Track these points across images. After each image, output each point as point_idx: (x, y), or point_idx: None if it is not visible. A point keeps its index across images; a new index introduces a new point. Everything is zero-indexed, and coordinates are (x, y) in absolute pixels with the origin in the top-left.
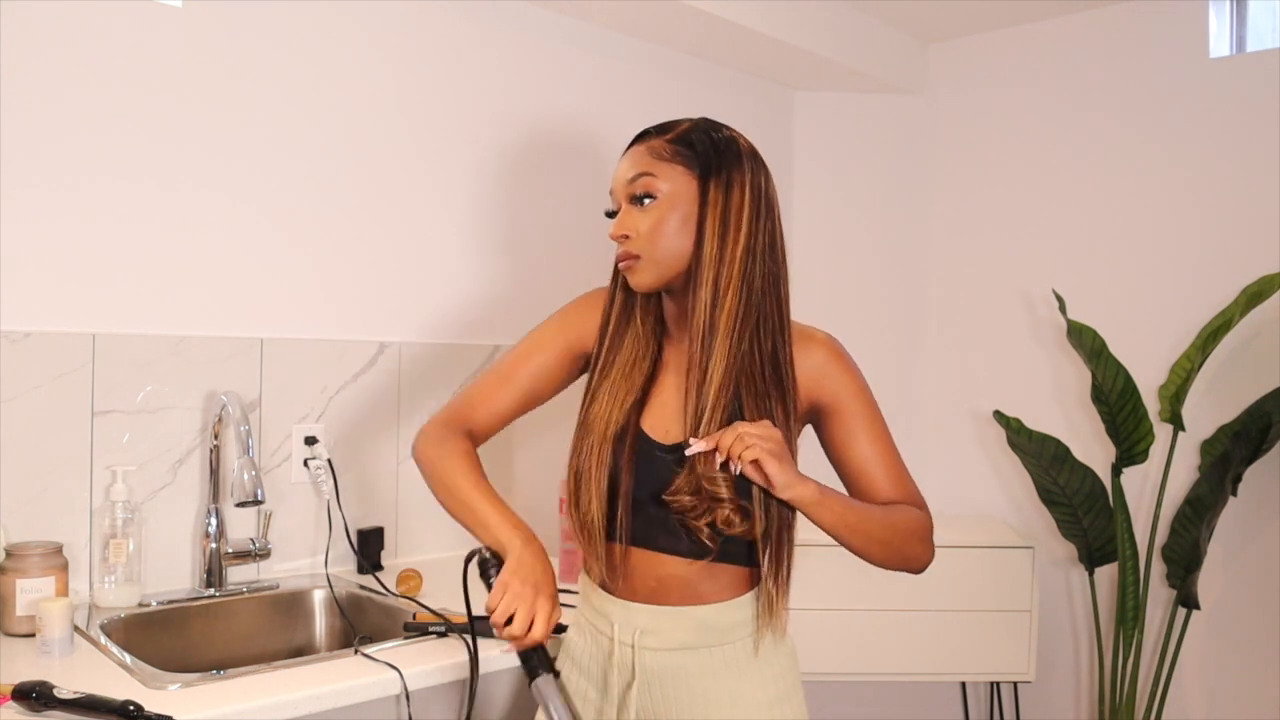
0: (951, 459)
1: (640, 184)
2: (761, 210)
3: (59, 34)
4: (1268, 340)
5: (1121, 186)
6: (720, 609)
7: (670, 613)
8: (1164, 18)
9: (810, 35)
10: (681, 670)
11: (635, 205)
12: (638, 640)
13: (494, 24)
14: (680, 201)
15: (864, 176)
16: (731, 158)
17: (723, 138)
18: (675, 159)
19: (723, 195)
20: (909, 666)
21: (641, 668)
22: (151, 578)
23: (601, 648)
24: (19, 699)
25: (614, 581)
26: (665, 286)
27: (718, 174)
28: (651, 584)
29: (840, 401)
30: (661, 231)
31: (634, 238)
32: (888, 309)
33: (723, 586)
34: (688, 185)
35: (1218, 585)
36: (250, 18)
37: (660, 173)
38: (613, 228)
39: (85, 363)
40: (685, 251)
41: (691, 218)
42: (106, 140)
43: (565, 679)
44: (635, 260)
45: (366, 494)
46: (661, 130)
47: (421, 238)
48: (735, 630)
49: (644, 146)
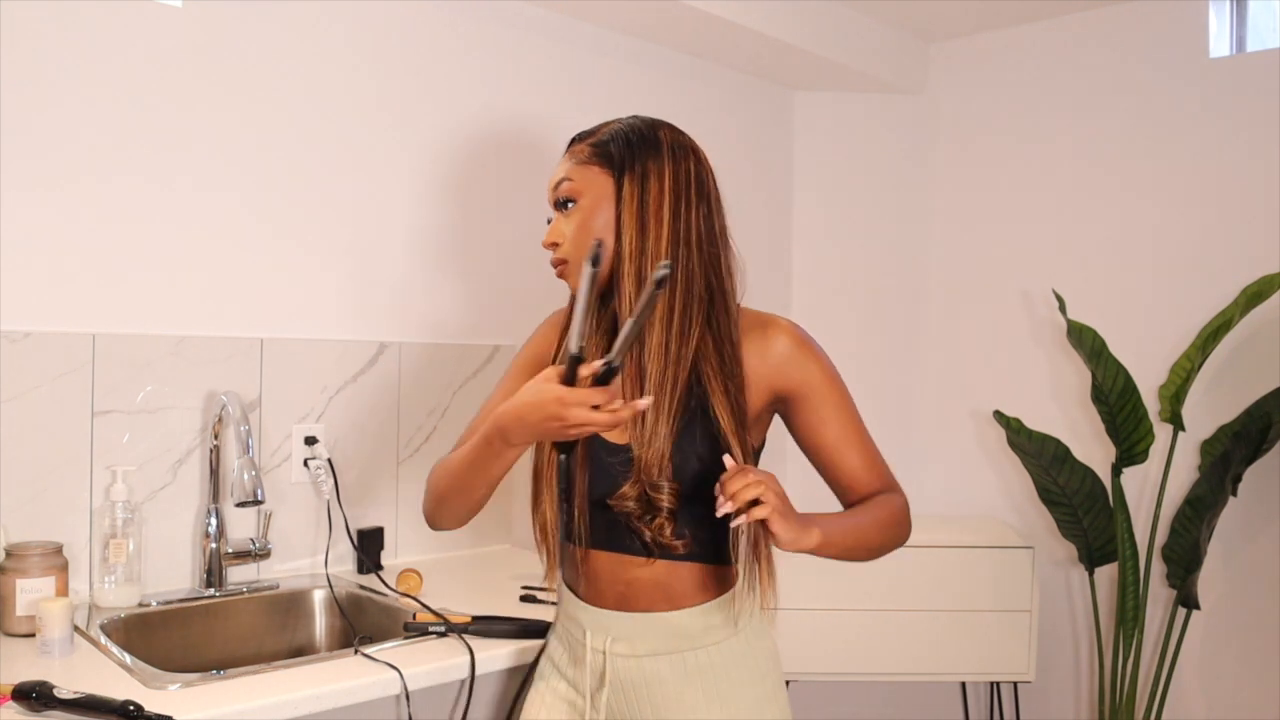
0: (951, 459)
1: (562, 189)
2: (688, 199)
3: (59, 34)
4: (1268, 340)
5: (1121, 186)
6: (691, 614)
7: (640, 619)
8: (1164, 18)
9: (810, 35)
10: (654, 676)
11: (560, 211)
12: (609, 647)
13: (494, 24)
14: (600, 202)
15: (864, 176)
16: (648, 150)
17: (641, 133)
18: (592, 160)
19: (638, 189)
20: (909, 666)
21: (613, 674)
22: (151, 578)
23: (576, 653)
24: (19, 699)
25: (579, 586)
26: (603, 288)
27: (631, 169)
28: (619, 589)
29: (808, 388)
30: (585, 234)
31: (561, 244)
32: (888, 309)
33: (693, 589)
34: (605, 185)
35: (1218, 585)
36: (250, 18)
37: (578, 176)
38: (545, 236)
39: (85, 363)
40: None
41: (614, 217)
42: (106, 140)
43: (545, 680)
44: (565, 265)
45: (366, 494)
46: (585, 134)
47: (422, 238)
48: (709, 634)
49: (569, 152)
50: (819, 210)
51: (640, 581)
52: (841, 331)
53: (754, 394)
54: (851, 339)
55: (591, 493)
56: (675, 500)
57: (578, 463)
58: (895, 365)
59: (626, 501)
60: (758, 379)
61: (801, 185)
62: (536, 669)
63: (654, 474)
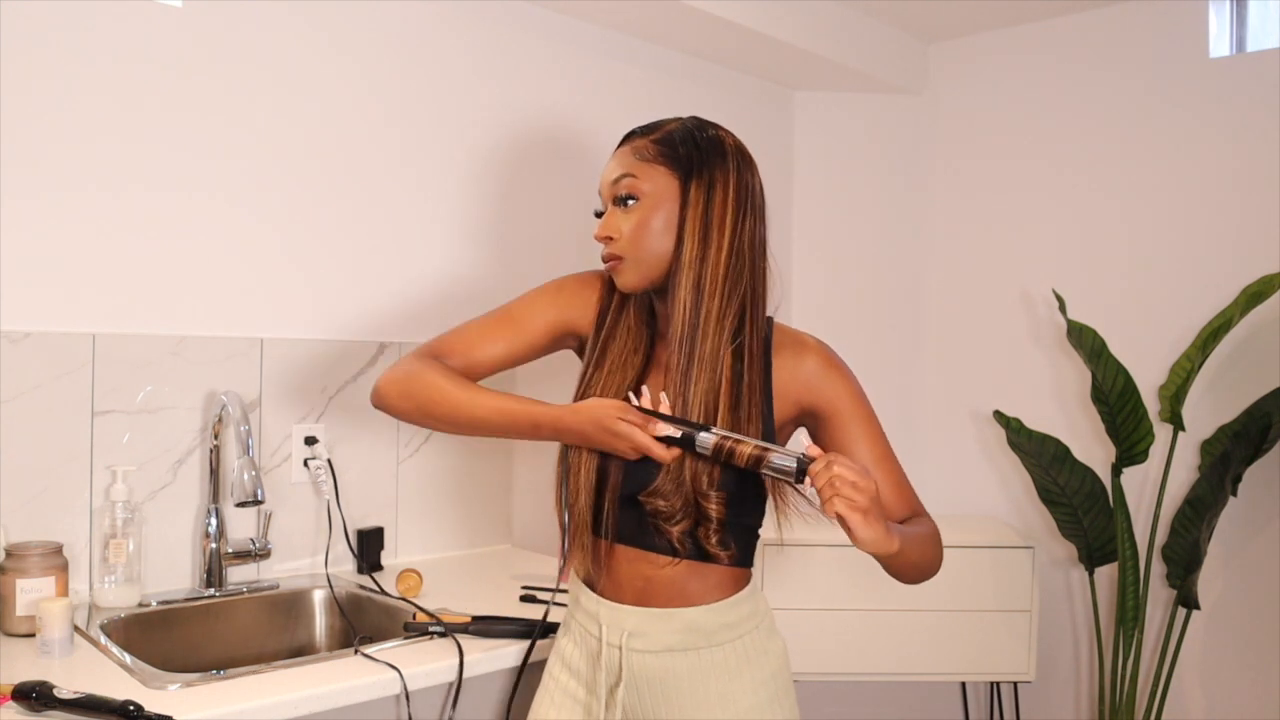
0: (951, 459)
1: (623, 185)
2: (748, 209)
3: (58, 34)
4: (1268, 340)
5: (1121, 186)
6: (709, 610)
7: (658, 614)
8: (1164, 18)
9: (810, 35)
10: (669, 672)
11: (619, 206)
12: (625, 642)
13: (494, 24)
14: (663, 203)
15: (864, 176)
16: (715, 157)
17: (708, 137)
18: (658, 159)
19: (704, 196)
20: (909, 666)
21: (629, 669)
22: (151, 578)
23: (590, 648)
24: (19, 699)
25: (600, 580)
26: (651, 287)
27: (699, 174)
28: (639, 584)
29: (836, 407)
30: (643, 233)
31: (617, 239)
32: (888, 309)
33: (712, 586)
34: (669, 186)
35: (1218, 585)
36: (250, 18)
37: (642, 174)
38: (597, 229)
39: (85, 363)
40: (668, 253)
41: (674, 219)
42: (106, 140)
43: (555, 679)
44: (619, 262)
45: (366, 494)
46: (647, 130)
47: (421, 238)
48: (725, 632)
49: (629, 147)
50: (819, 210)
51: (661, 578)
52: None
53: (781, 406)
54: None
55: (624, 488)
56: (724, 509)
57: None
58: (895, 365)
59: (657, 500)
60: (785, 393)
61: (801, 185)
62: (545, 667)
63: (703, 484)
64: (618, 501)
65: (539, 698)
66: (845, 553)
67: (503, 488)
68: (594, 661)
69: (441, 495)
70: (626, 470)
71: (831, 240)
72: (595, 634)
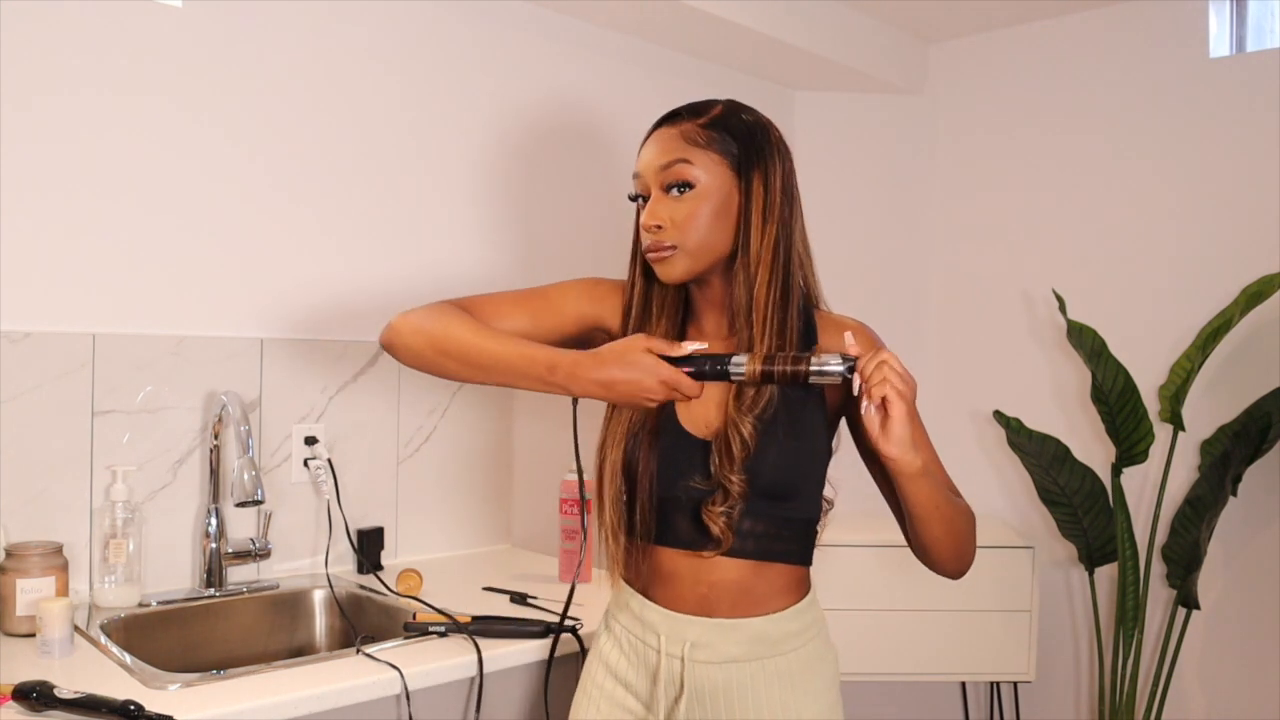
0: (951, 459)
1: (675, 171)
2: (794, 200)
3: (59, 34)
4: (1268, 340)
5: (1121, 186)
6: (775, 620)
7: (722, 625)
8: (1164, 18)
9: (810, 35)
10: (733, 683)
11: (668, 193)
12: (688, 654)
13: (494, 24)
14: (715, 192)
15: (864, 176)
16: (767, 148)
17: (757, 123)
18: (711, 147)
19: (761, 188)
20: (909, 666)
21: (691, 681)
22: (151, 578)
23: (646, 659)
24: (19, 699)
25: (653, 588)
26: (696, 278)
27: (755, 166)
28: (701, 591)
29: None
30: (696, 223)
31: (667, 228)
32: (888, 309)
33: (776, 592)
34: (724, 176)
35: (1218, 585)
36: (250, 18)
37: (697, 160)
38: (644, 215)
39: (85, 363)
40: (720, 243)
41: (727, 210)
42: (106, 140)
43: (599, 687)
44: (670, 251)
45: (366, 494)
46: (694, 113)
47: (421, 239)
48: (789, 641)
49: (676, 130)
50: (819, 210)
51: (724, 584)
52: None
53: (830, 392)
54: None
55: (660, 486)
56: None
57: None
58: None
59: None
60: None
61: (802, 185)
62: (584, 669)
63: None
64: (670, 506)
65: (580, 701)
66: (846, 553)
67: (503, 488)
68: (651, 674)
69: (441, 495)
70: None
71: (831, 240)
72: (654, 645)
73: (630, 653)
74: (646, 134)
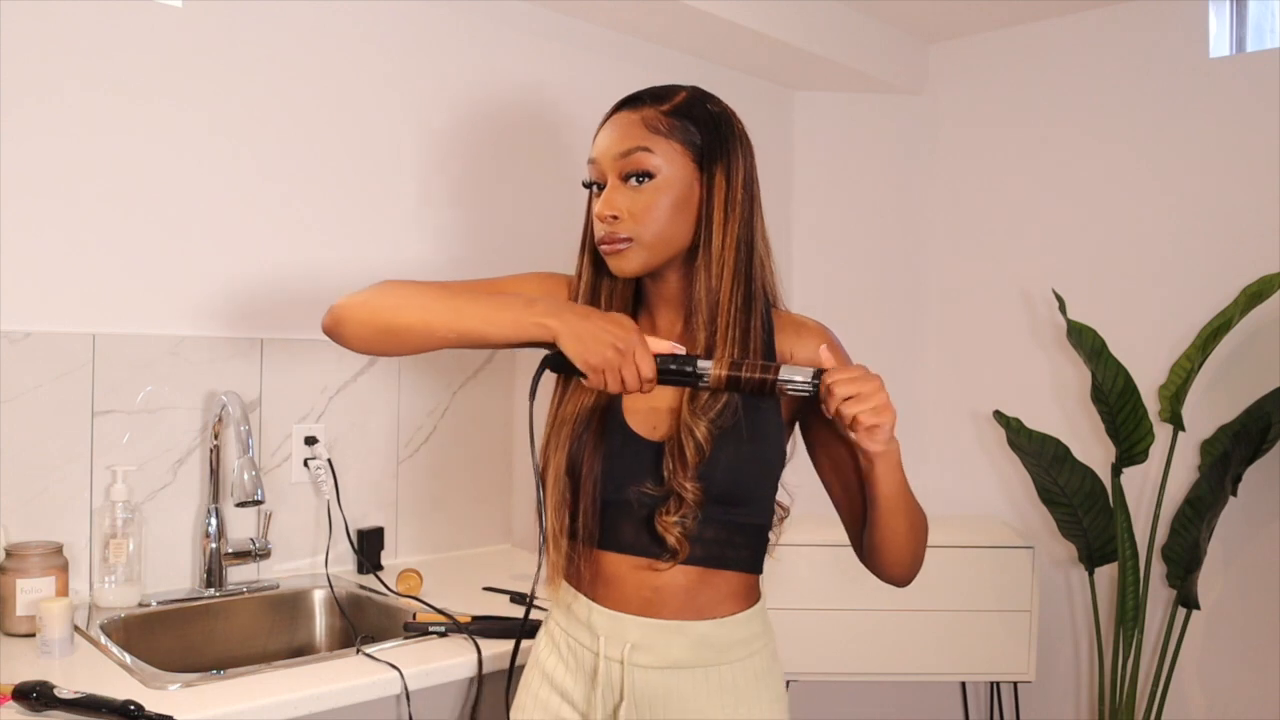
0: (951, 459)
1: (635, 159)
2: (754, 195)
3: (59, 34)
4: (1268, 340)
5: (1121, 186)
6: (720, 625)
7: (665, 627)
8: (1164, 18)
9: (810, 35)
10: (673, 691)
11: (625, 182)
12: (628, 656)
13: (492, 23)
14: (676, 184)
15: (864, 176)
16: (732, 140)
17: (720, 113)
18: (674, 135)
19: (724, 181)
20: (909, 666)
21: (631, 687)
22: (151, 578)
23: (584, 664)
24: (19, 699)
25: (598, 590)
26: (651, 272)
27: (720, 159)
28: (646, 594)
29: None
30: (655, 215)
31: (624, 219)
32: (888, 309)
33: (724, 598)
34: (686, 167)
35: (1218, 585)
36: (251, 18)
37: (658, 149)
38: (599, 205)
39: (85, 363)
40: (679, 238)
41: (687, 202)
42: (106, 140)
43: (535, 696)
44: (625, 244)
45: (366, 494)
46: (656, 98)
47: (421, 239)
48: (735, 649)
49: (637, 115)
50: (819, 210)
51: (670, 589)
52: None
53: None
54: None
55: (606, 489)
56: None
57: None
58: (895, 365)
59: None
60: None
61: (801, 185)
62: (523, 678)
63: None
64: (599, 504)
65: (514, 713)
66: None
67: (503, 488)
68: (589, 679)
69: (441, 495)
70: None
71: (831, 240)
72: (592, 647)
73: (569, 658)
74: (605, 117)
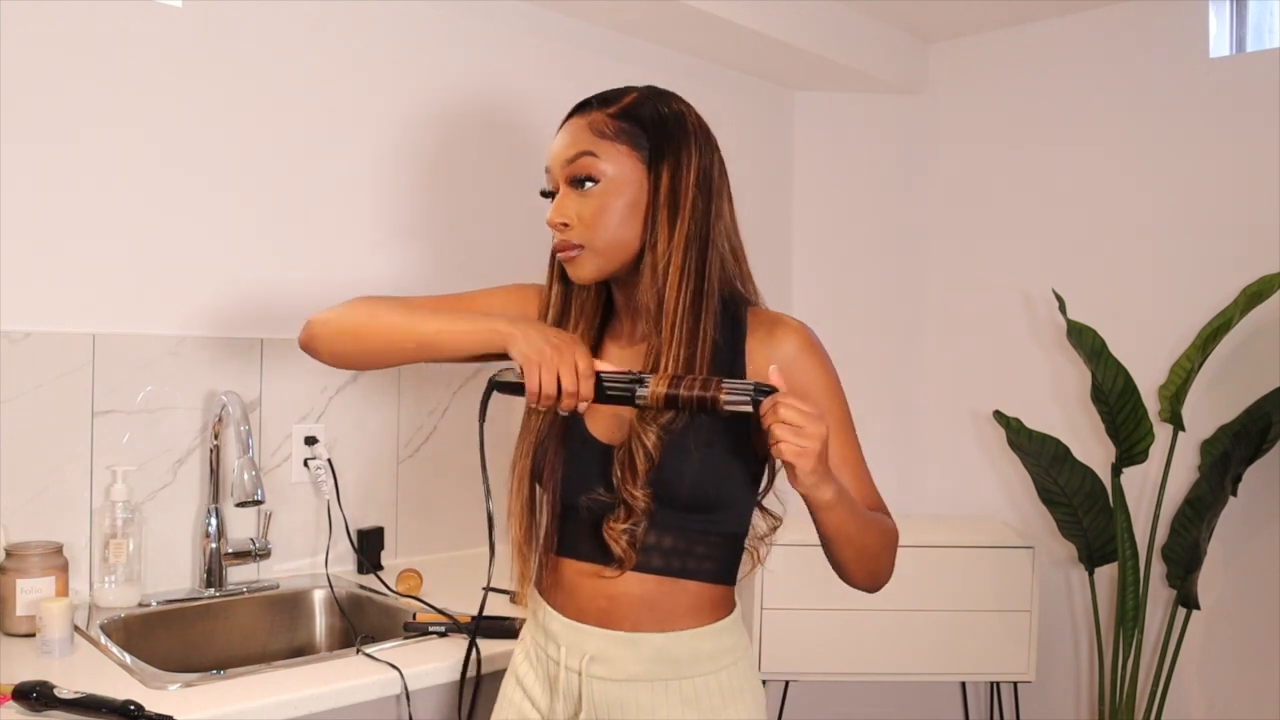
0: (951, 459)
1: (581, 165)
2: (714, 191)
3: (59, 34)
4: (1268, 340)
5: (1121, 186)
6: (678, 638)
7: (622, 639)
8: (1164, 18)
9: (810, 35)
10: (633, 705)
11: (575, 188)
12: (586, 668)
13: (492, 23)
14: (626, 186)
15: (864, 176)
16: (680, 137)
17: (671, 112)
18: (620, 138)
19: (670, 179)
20: (909, 666)
21: (589, 699)
22: (151, 578)
23: (548, 671)
24: (19, 699)
25: (558, 597)
26: (609, 278)
27: (665, 158)
28: (602, 603)
29: (808, 396)
30: (604, 220)
31: (574, 225)
32: (888, 309)
33: (685, 610)
34: (634, 169)
35: (1218, 585)
36: (252, 18)
37: (603, 153)
38: (550, 213)
39: (85, 363)
40: (630, 241)
41: (638, 204)
42: (106, 140)
43: (508, 698)
44: (577, 251)
45: (366, 494)
46: (604, 102)
47: (421, 239)
48: (699, 664)
49: (584, 120)
50: (819, 210)
51: (626, 599)
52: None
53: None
54: (851, 339)
55: (565, 494)
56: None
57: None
58: (895, 365)
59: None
60: (759, 376)
61: (801, 185)
62: (502, 683)
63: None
64: (558, 509)
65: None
66: None
67: (503, 488)
68: (551, 687)
69: (441, 495)
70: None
71: (831, 240)
72: (555, 657)
73: (536, 664)
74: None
